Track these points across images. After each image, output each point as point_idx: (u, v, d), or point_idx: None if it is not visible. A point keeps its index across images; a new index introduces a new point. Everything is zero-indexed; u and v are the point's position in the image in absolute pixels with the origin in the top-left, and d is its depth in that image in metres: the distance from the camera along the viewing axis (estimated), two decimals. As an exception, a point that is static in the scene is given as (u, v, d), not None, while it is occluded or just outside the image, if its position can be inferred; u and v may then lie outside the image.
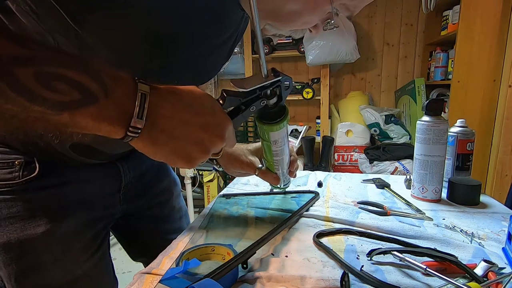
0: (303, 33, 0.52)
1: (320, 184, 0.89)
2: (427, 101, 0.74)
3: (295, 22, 0.45)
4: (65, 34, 0.40)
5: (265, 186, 0.90)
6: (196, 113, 0.38)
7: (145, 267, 0.53)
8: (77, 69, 0.31)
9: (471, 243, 0.57)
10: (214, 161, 0.69)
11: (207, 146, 0.39)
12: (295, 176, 0.71)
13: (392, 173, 2.31)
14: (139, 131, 0.34)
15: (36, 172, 0.54)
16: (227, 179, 2.83)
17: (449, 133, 0.78)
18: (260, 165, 0.68)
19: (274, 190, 0.80)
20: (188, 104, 0.38)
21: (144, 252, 0.80)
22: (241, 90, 0.43)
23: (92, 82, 0.32)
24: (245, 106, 0.45)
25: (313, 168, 2.58)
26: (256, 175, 0.68)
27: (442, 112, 0.74)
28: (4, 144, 0.54)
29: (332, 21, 0.46)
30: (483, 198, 0.77)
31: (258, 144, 0.70)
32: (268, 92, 0.46)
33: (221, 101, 0.42)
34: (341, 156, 2.64)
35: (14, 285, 0.56)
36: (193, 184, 2.52)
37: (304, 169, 2.58)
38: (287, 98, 0.49)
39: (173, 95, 0.37)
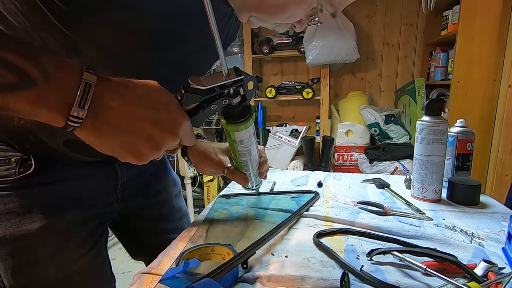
0: (287, 27, 0.52)
1: (320, 184, 0.89)
2: (427, 101, 0.74)
3: (280, 15, 0.44)
4: (50, 32, 0.40)
5: (265, 186, 0.91)
6: (148, 107, 0.37)
7: (146, 266, 0.53)
8: (15, 52, 0.31)
9: (471, 243, 0.57)
10: (186, 157, 0.69)
11: (157, 143, 0.38)
12: (265, 178, 0.70)
13: (392, 173, 2.31)
14: (81, 121, 0.33)
15: (32, 169, 0.55)
16: (227, 179, 2.82)
17: (449, 133, 0.78)
18: (229, 165, 0.67)
19: (249, 191, 0.77)
20: (141, 97, 0.37)
21: (144, 251, 0.80)
22: (199, 87, 0.42)
23: (31, 66, 0.31)
24: (207, 104, 0.44)
25: (313, 168, 2.58)
26: (225, 175, 0.67)
27: (442, 112, 0.74)
28: (0, 142, 0.55)
29: (316, 18, 0.46)
30: (483, 198, 0.77)
31: None
32: (231, 91, 0.45)
33: (178, 97, 0.42)
34: (341, 156, 2.65)
35: (11, 280, 0.57)
36: (193, 184, 2.51)
37: (304, 169, 2.59)
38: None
39: (124, 88, 0.36)
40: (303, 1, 0.43)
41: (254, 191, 0.75)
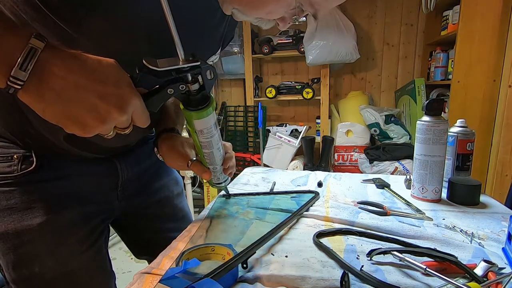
0: (271, 24, 0.52)
1: (320, 184, 0.89)
2: (427, 101, 0.74)
3: (260, 10, 0.45)
4: (45, 24, 0.41)
5: (265, 186, 0.91)
6: (96, 80, 0.37)
7: (148, 264, 0.53)
8: None
9: (471, 243, 0.57)
10: (155, 148, 0.68)
11: (102, 115, 0.38)
12: (231, 175, 0.69)
13: (392, 173, 2.31)
14: (22, 83, 0.34)
15: (33, 166, 0.56)
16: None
17: (449, 133, 0.78)
18: (194, 158, 0.66)
19: (218, 189, 0.75)
20: (90, 70, 0.37)
21: (147, 250, 0.81)
22: (154, 68, 0.42)
23: None
24: (163, 88, 0.44)
25: (313, 168, 2.58)
26: (188, 167, 0.66)
27: (442, 112, 0.74)
28: (3, 138, 0.55)
29: (301, 18, 0.46)
30: (483, 198, 0.77)
31: None
32: (189, 77, 0.45)
33: (133, 77, 0.41)
34: (341, 156, 2.64)
35: (12, 274, 0.57)
36: (193, 184, 2.52)
37: (304, 169, 2.58)
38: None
39: (73, 58, 0.37)
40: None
41: (222, 189, 0.74)
